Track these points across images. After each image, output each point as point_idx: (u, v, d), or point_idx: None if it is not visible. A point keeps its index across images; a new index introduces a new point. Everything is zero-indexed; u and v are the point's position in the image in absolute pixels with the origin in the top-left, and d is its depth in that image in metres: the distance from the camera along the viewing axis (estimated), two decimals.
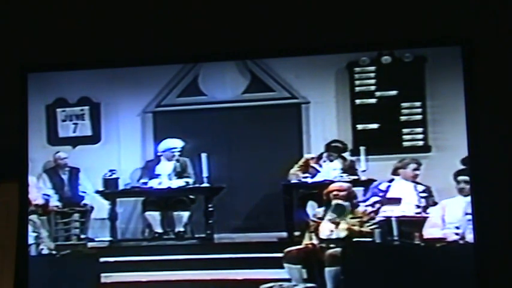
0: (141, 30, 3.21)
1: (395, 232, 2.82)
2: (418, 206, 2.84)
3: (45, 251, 2.99)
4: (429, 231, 2.78)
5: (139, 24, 3.23)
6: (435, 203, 2.81)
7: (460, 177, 2.75)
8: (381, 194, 2.90)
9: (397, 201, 2.89)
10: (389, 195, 2.89)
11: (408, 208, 2.85)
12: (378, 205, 2.90)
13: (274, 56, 2.96)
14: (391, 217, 2.83)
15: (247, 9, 3.10)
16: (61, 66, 3.13)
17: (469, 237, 2.74)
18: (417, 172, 2.84)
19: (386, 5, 3.09)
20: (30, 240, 3.02)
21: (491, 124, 2.93)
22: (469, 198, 2.78)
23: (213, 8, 3.15)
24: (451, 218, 2.77)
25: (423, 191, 2.83)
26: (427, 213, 2.81)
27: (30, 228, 3.04)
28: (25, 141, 3.12)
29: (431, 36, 2.98)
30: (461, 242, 2.75)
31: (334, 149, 2.95)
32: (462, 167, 2.77)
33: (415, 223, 2.81)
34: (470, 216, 2.78)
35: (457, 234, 2.75)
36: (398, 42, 2.95)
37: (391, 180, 2.88)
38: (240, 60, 3.00)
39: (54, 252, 2.99)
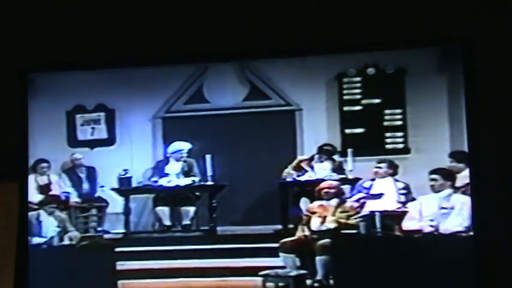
0: (141, 29, 3.20)
1: (378, 225, 2.93)
2: (399, 202, 2.94)
3: (66, 242, 3.07)
4: (407, 224, 2.89)
5: (140, 24, 3.21)
6: (413, 199, 2.91)
7: (431, 176, 2.85)
8: (365, 191, 3.01)
9: (378, 196, 2.99)
10: (372, 191, 2.99)
11: (389, 203, 2.96)
12: (362, 201, 3.00)
13: (271, 56, 2.99)
14: (374, 211, 2.95)
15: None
16: (61, 67, 3.14)
17: (443, 228, 2.82)
18: (381, 170, 2.94)
19: (386, 5, 3.06)
20: (53, 233, 3.07)
21: (491, 124, 2.89)
22: (439, 194, 2.84)
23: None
24: (426, 212, 2.86)
25: (402, 188, 2.94)
26: (406, 208, 2.91)
27: (55, 222, 3.06)
28: (25, 141, 3.12)
29: (432, 36, 2.97)
30: (436, 233, 2.84)
31: (325, 152, 3.04)
32: (438, 166, 2.83)
33: (396, 217, 2.92)
34: (443, 210, 2.83)
35: (431, 226, 2.84)
36: (398, 42, 2.96)
37: (373, 179, 3.00)
38: (238, 63, 3.04)
39: (74, 242, 3.07)
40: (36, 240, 3.05)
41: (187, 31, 3.16)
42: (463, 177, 2.83)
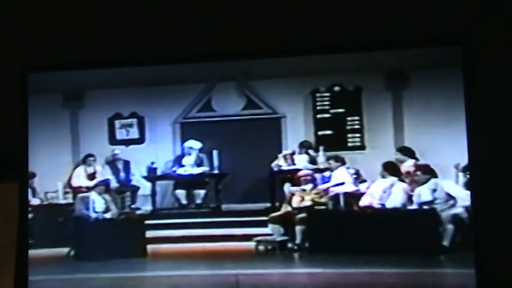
0: (141, 29, 3.22)
1: (341, 202, 3.22)
2: (354, 184, 3.20)
3: (108, 216, 3.32)
4: (363, 202, 3.19)
5: (138, 23, 3.23)
6: (364, 180, 3.17)
7: (382, 168, 3.13)
8: (326, 180, 3.29)
9: (341, 184, 3.26)
10: (332, 180, 3.28)
11: (348, 186, 3.23)
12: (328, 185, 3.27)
13: (271, 56, 3.13)
14: (339, 193, 3.24)
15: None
16: (62, 66, 3.19)
17: (387, 204, 3.13)
18: (332, 165, 3.24)
19: (386, 5, 2.99)
20: (100, 209, 3.29)
21: (491, 124, 2.88)
22: (384, 180, 3.13)
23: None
24: (376, 194, 3.18)
25: (354, 173, 3.21)
26: (361, 190, 3.19)
27: (102, 201, 3.30)
28: (25, 141, 3.09)
29: (432, 36, 2.87)
30: (383, 208, 3.15)
31: (303, 146, 3.26)
32: (397, 157, 3.10)
33: (354, 196, 3.21)
34: (384, 194, 3.10)
35: (380, 204, 3.15)
36: (399, 42, 2.94)
37: (332, 170, 3.28)
38: (238, 83, 3.25)
39: (114, 217, 3.32)
40: (88, 214, 3.32)
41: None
42: (406, 167, 3.13)
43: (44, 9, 3.22)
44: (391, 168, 3.17)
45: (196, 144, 3.39)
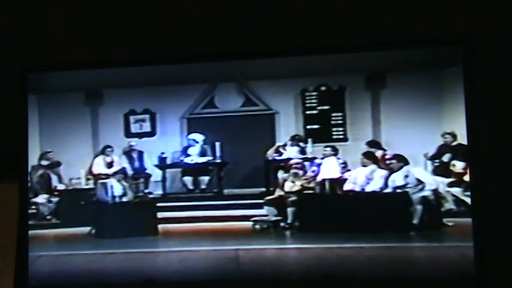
0: (140, 29, 3.34)
1: (327, 187, 3.45)
2: (340, 172, 3.45)
3: (125, 199, 3.55)
4: (345, 186, 3.43)
5: (137, 22, 3.35)
6: (349, 170, 3.41)
7: (364, 157, 3.35)
8: (316, 165, 3.48)
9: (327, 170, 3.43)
10: (322, 167, 3.48)
11: (334, 173, 3.46)
12: (316, 172, 3.48)
13: (270, 56, 3.27)
14: (325, 179, 3.48)
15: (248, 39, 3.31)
16: (62, 66, 3.30)
17: (367, 189, 3.34)
18: (326, 152, 3.41)
19: (386, 5, 3.01)
20: (119, 194, 3.48)
21: (491, 124, 2.88)
22: (366, 168, 3.35)
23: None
24: (358, 180, 3.41)
25: (342, 163, 3.46)
26: (344, 176, 3.44)
27: (120, 186, 3.49)
28: (25, 141, 3.14)
29: (432, 36, 2.88)
30: (363, 192, 3.39)
31: (295, 139, 3.49)
32: (366, 149, 3.34)
33: (338, 182, 3.44)
34: (366, 180, 3.30)
35: (360, 188, 3.39)
36: (399, 42, 3.00)
37: (323, 158, 3.49)
38: (238, 83, 3.45)
39: (130, 200, 3.54)
40: (107, 198, 3.53)
41: (203, 50, 3.34)
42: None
43: (44, 9, 3.29)
44: (371, 157, 3.42)
45: (198, 137, 3.61)
